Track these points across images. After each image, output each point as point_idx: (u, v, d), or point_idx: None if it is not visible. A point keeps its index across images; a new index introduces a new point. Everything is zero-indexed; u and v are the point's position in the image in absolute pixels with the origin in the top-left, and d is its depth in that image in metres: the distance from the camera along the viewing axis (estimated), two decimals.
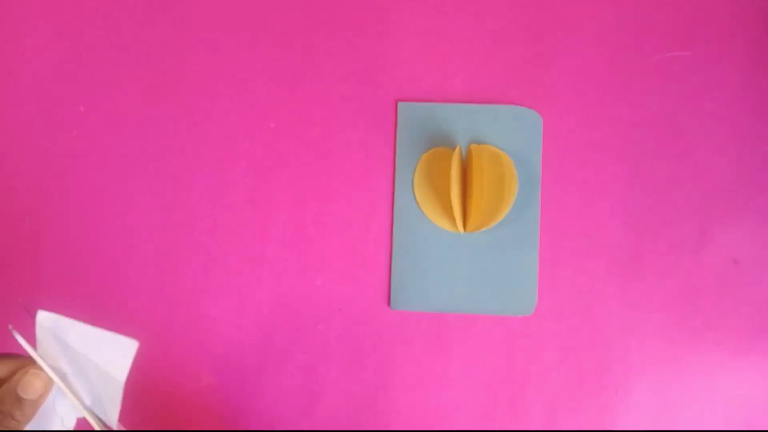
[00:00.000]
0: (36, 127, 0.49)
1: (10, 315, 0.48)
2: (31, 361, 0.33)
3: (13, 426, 0.31)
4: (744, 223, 0.46)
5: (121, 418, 0.34)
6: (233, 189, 0.48)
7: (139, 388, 0.47)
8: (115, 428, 0.34)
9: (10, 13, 0.49)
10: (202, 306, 0.48)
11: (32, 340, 0.33)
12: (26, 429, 0.32)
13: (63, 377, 0.33)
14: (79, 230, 0.48)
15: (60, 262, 0.48)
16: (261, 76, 0.48)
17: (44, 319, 0.32)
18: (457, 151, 0.44)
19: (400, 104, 0.47)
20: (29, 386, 0.32)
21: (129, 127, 0.48)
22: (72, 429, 0.34)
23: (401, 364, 0.47)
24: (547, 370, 0.46)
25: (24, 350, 0.33)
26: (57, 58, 0.49)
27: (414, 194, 0.47)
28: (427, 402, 0.47)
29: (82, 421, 0.34)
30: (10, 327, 0.32)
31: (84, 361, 0.33)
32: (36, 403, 0.32)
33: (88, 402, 0.34)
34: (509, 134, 0.47)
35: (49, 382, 0.33)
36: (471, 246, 0.47)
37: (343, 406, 0.47)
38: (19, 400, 0.32)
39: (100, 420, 0.33)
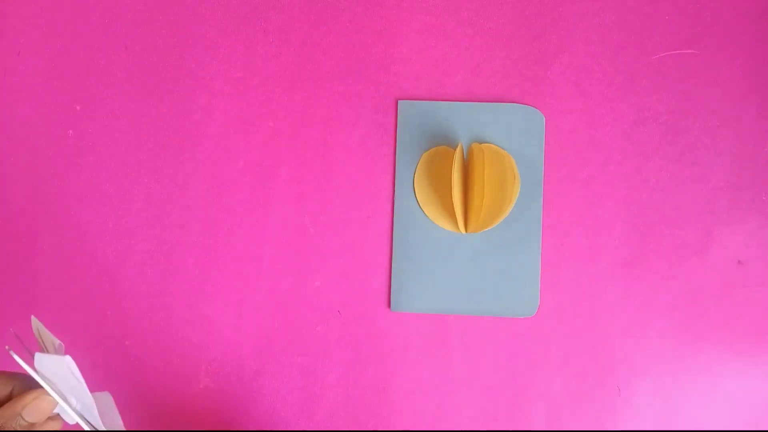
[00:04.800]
0: (32, 126, 0.48)
1: (7, 320, 0.48)
2: (28, 380, 0.32)
3: None
4: (748, 223, 0.46)
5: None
6: (231, 189, 0.47)
7: (137, 390, 0.47)
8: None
9: (6, 13, 0.49)
10: (200, 307, 0.47)
11: (30, 357, 0.32)
12: None
13: (59, 394, 0.33)
14: (75, 230, 0.48)
15: (56, 262, 0.48)
16: (259, 74, 0.48)
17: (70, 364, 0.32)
18: (458, 150, 0.44)
19: (400, 102, 0.47)
20: (35, 409, 0.31)
21: (126, 126, 0.48)
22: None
23: (401, 367, 0.46)
24: (550, 371, 0.46)
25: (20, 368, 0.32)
26: (53, 58, 0.49)
27: (414, 194, 0.47)
28: (427, 405, 0.46)
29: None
30: (8, 347, 0.32)
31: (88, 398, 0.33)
32: (40, 426, 0.32)
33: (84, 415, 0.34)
34: (511, 133, 0.46)
35: (53, 404, 0.32)
36: (472, 246, 0.46)
37: (342, 409, 0.46)
38: (18, 421, 0.31)
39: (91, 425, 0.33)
